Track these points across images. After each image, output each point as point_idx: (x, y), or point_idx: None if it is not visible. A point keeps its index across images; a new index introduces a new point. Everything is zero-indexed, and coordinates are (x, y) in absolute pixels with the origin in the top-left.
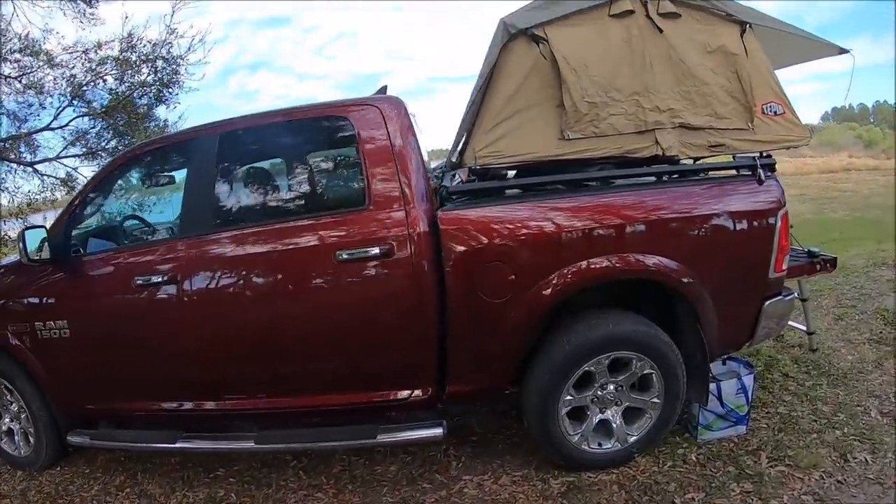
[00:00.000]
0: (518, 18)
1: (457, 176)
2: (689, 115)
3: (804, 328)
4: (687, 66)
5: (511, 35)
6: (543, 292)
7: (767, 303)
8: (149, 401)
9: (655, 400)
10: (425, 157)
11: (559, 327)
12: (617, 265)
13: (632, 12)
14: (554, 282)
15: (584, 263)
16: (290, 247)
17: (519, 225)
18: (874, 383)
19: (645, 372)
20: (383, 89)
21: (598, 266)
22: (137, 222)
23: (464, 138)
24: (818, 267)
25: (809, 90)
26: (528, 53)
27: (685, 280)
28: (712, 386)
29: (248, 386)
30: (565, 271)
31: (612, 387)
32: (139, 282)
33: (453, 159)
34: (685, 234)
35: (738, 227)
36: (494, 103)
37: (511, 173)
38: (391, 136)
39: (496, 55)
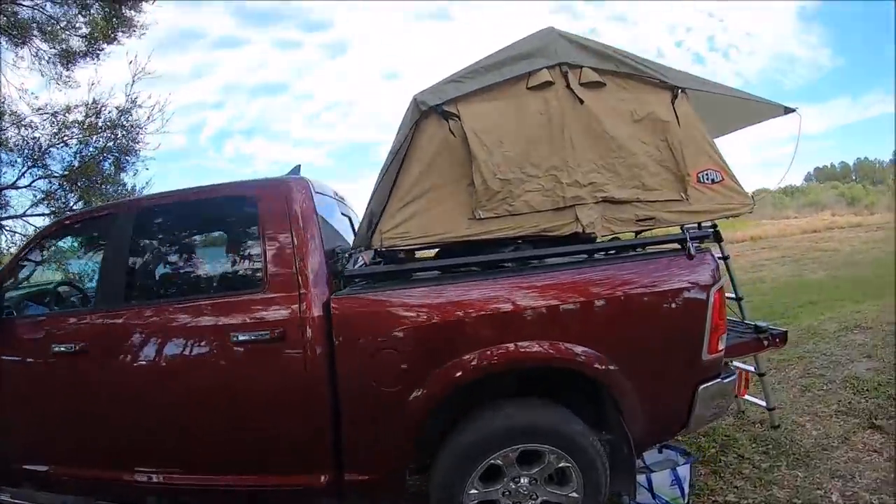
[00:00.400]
0: (429, 95)
1: (360, 258)
2: (613, 188)
3: (764, 404)
4: (611, 136)
5: (422, 112)
6: (436, 382)
7: (703, 387)
8: (67, 466)
9: (574, 494)
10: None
11: (465, 418)
12: (518, 354)
13: (551, 84)
14: (449, 371)
15: (478, 353)
16: (190, 326)
17: (412, 311)
18: (839, 462)
19: (561, 465)
20: (296, 169)
21: (497, 355)
22: (69, 289)
23: (372, 219)
24: (765, 343)
25: (791, 152)
26: (438, 131)
27: (600, 367)
28: (642, 477)
29: (155, 461)
30: (462, 360)
31: (525, 480)
32: (56, 349)
33: (359, 241)
34: (601, 318)
35: (665, 307)
36: (404, 183)
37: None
38: (292, 218)
39: (406, 134)
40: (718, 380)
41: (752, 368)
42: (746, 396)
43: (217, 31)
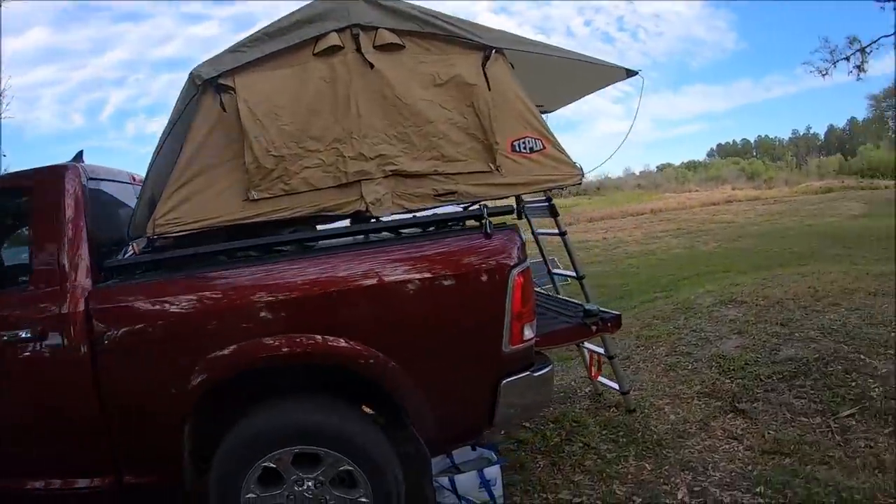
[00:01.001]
0: (206, 67)
1: (130, 248)
2: (406, 160)
3: (618, 387)
4: (405, 103)
5: (198, 87)
6: (193, 380)
7: (506, 382)
8: None
9: (363, 499)
10: None
11: (239, 418)
12: (272, 349)
13: (340, 48)
14: (206, 368)
15: (233, 349)
16: None
17: (165, 304)
18: (693, 451)
19: (344, 468)
20: (79, 155)
21: (249, 351)
22: None
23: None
24: (594, 329)
25: (696, 129)
26: (212, 107)
27: (370, 363)
28: (445, 479)
29: None
30: (218, 356)
31: (310, 483)
32: None
33: (137, 230)
34: (372, 307)
35: (454, 293)
36: (178, 165)
37: None
38: (58, 208)
39: (180, 110)
40: (527, 373)
41: (602, 350)
42: (601, 379)
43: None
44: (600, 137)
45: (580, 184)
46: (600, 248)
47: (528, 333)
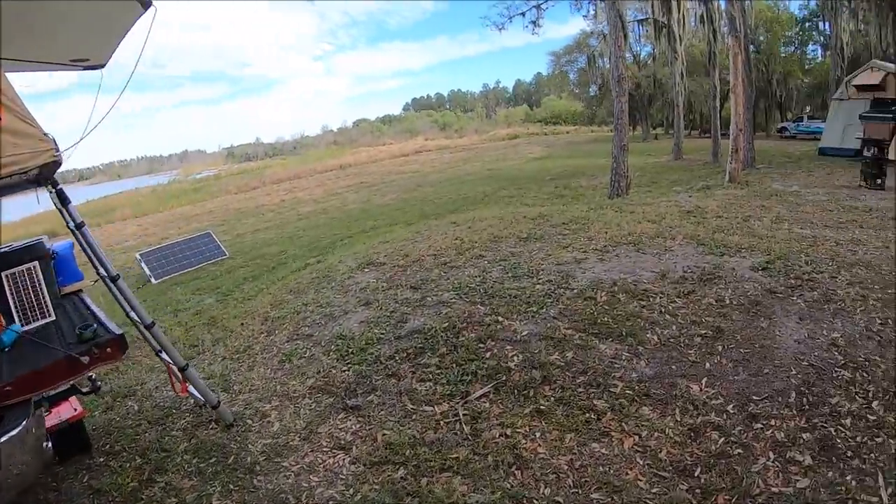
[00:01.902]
0: None
1: None
2: None
3: (208, 400)
4: None
5: None
6: None
7: None
8: None
9: None
10: None
11: None
12: None
13: None
14: None
15: None
16: None
17: None
18: (289, 474)
19: None
20: None
21: None
22: None
23: None
24: (87, 360)
25: (395, 85)
26: None
27: None
28: None
29: None
30: None
31: None
32: None
33: None
34: None
35: None
36: None
37: None
38: None
39: None
40: None
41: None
42: (191, 391)
43: None
44: (300, 96)
45: (57, 160)
46: (274, 213)
47: None
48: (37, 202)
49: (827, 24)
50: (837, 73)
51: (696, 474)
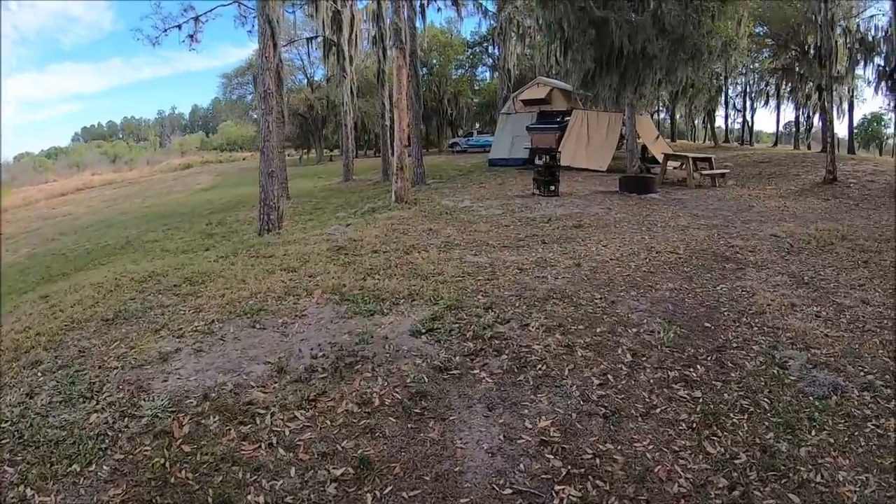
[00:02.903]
0: None
1: None
2: None
3: None
4: None
5: None
6: None
7: None
8: None
9: None
10: None
11: None
12: None
13: None
14: None
15: None
16: None
17: None
18: None
19: None
20: None
21: None
22: None
23: None
24: None
25: (68, 111)
26: None
27: None
28: None
29: None
30: None
31: None
32: None
33: None
34: None
35: None
36: None
37: None
38: None
39: None
40: None
41: None
42: None
43: None
44: None
45: None
46: None
47: None
48: None
49: (497, 47)
50: (505, 92)
51: None
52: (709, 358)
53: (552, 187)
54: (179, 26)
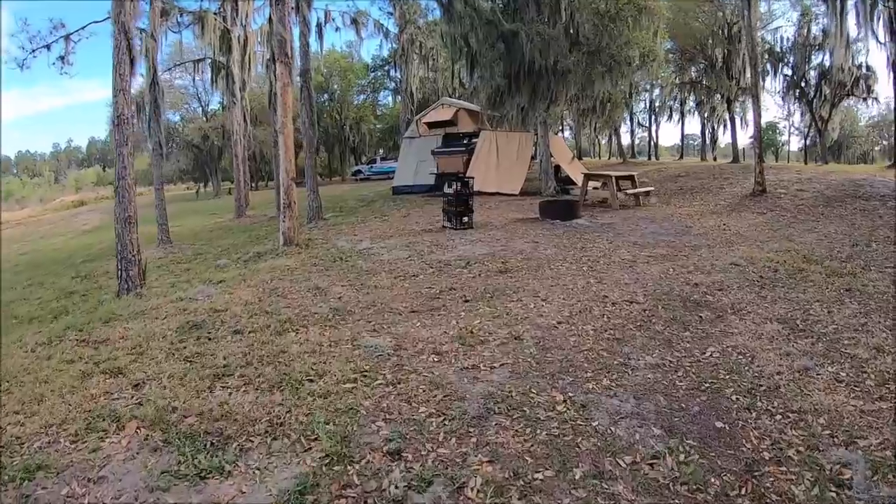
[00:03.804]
0: None
1: None
2: None
3: None
4: None
5: None
6: None
7: None
8: None
9: None
10: None
11: None
12: None
13: None
14: None
15: None
16: None
17: None
18: None
19: None
20: None
21: None
22: None
23: None
24: None
25: None
26: None
27: None
28: None
29: None
30: None
31: None
32: None
33: None
34: None
35: None
36: None
37: None
38: None
39: None
40: None
41: None
42: None
43: None
44: None
45: None
46: None
47: None
48: None
49: (399, 70)
50: (408, 115)
51: None
52: (743, 490)
53: (465, 218)
54: (48, 46)
